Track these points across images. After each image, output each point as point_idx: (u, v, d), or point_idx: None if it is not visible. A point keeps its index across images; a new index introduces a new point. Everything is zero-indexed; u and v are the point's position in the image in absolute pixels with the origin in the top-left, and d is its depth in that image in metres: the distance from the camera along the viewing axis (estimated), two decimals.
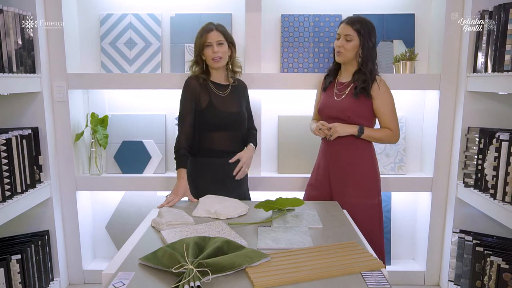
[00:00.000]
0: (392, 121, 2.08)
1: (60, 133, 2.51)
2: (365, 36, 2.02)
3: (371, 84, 2.04)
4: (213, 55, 2.04)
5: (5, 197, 2.02)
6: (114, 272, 1.22)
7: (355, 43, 2.04)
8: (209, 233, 1.47)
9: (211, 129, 2.03)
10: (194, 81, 2.09)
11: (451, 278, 2.46)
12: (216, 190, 1.98)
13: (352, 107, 2.05)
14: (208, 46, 2.04)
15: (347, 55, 2.06)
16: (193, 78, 2.10)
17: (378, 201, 2.13)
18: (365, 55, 2.04)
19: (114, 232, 2.75)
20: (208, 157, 2.07)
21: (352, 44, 2.04)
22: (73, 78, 2.48)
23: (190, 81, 2.09)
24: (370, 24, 2.06)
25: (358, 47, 2.04)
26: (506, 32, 2.01)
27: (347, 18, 2.08)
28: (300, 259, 1.28)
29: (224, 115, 2.05)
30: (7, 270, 2.07)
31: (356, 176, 2.09)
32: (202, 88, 2.07)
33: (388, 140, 2.10)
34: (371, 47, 2.04)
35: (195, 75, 2.11)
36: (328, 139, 2.09)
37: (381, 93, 2.05)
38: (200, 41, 2.05)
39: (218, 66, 2.08)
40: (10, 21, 2.09)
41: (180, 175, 1.99)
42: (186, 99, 2.07)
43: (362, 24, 2.03)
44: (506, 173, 1.97)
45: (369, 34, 2.03)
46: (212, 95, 2.07)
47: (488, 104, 2.34)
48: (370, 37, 2.04)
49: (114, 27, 2.61)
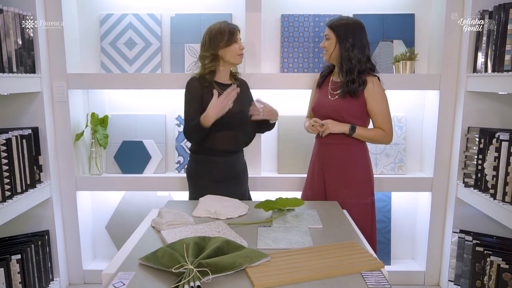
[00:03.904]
0: (385, 121, 2.07)
1: (60, 133, 2.51)
2: (341, 36, 2.04)
3: (362, 85, 2.03)
4: (240, 51, 2.08)
5: (5, 197, 2.02)
6: (114, 272, 1.22)
7: (332, 42, 2.07)
8: (209, 233, 1.47)
9: (215, 129, 2.02)
10: (196, 82, 2.08)
11: (451, 278, 2.46)
12: (217, 190, 1.98)
13: (345, 107, 2.05)
14: (236, 43, 2.06)
15: (327, 54, 2.11)
16: (195, 79, 2.09)
17: (371, 200, 2.13)
18: (343, 54, 2.04)
19: (114, 232, 2.75)
20: (210, 155, 2.07)
21: (329, 42, 2.08)
22: (73, 78, 2.48)
23: (193, 82, 2.08)
24: (351, 24, 2.05)
25: (334, 45, 2.06)
26: (506, 32, 2.01)
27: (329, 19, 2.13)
28: (300, 259, 1.28)
29: (228, 115, 2.05)
30: (7, 270, 2.07)
31: (349, 176, 2.09)
32: (205, 89, 2.06)
33: (381, 140, 2.10)
34: (347, 47, 2.03)
35: (198, 75, 2.09)
36: (320, 135, 2.10)
37: (375, 93, 2.04)
38: (229, 35, 2.04)
39: (240, 62, 2.12)
40: (10, 21, 2.09)
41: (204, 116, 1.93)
42: (191, 100, 2.06)
43: (340, 24, 2.05)
44: (506, 173, 1.97)
45: (346, 33, 2.04)
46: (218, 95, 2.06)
47: (488, 104, 2.34)
48: (347, 35, 2.03)
49: (114, 27, 2.61)
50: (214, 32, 2.06)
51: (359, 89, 2.02)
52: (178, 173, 2.67)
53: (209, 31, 2.08)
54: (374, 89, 2.04)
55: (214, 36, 2.05)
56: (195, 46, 2.59)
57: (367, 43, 2.08)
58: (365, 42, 2.06)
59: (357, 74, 2.03)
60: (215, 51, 2.06)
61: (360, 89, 2.03)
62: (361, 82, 2.03)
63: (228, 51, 2.06)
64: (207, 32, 2.09)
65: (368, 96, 2.04)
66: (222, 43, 2.04)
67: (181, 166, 2.67)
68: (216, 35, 2.05)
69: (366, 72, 2.06)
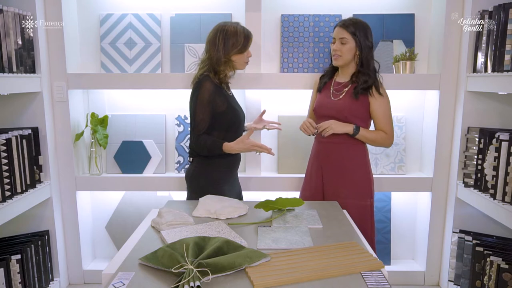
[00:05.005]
0: (388, 124, 2.07)
1: (60, 133, 2.51)
2: (361, 37, 2.02)
3: (374, 85, 2.04)
4: (248, 60, 2.10)
5: (5, 197, 2.02)
6: (114, 272, 1.22)
7: (351, 46, 2.03)
8: (209, 233, 1.47)
9: (229, 130, 2.02)
10: (212, 85, 1.99)
11: (451, 278, 2.46)
12: (219, 190, 1.99)
13: (349, 107, 2.05)
14: (247, 51, 2.07)
15: (344, 58, 2.06)
16: (208, 80, 2.00)
17: (370, 202, 2.12)
18: (364, 56, 2.04)
19: (114, 232, 2.75)
20: (217, 157, 2.04)
21: (348, 46, 2.04)
22: (73, 78, 2.48)
23: (208, 85, 1.98)
24: (364, 24, 2.05)
25: (354, 49, 2.04)
26: (506, 32, 2.01)
27: (341, 21, 2.08)
28: (300, 259, 1.28)
29: (240, 115, 2.10)
30: (7, 270, 2.07)
31: (347, 176, 2.09)
32: (218, 90, 2.02)
33: (382, 143, 2.10)
34: (369, 47, 2.04)
35: (211, 76, 2.01)
36: (323, 135, 2.07)
37: (380, 95, 2.05)
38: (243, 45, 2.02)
39: (244, 68, 2.14)
40: (10, 21, 2.09)
41: (231, 146, 1.95)
42: (204, 101, 1.97)
43: (356, 26, 2.03)
44: (506, 173, 1.97)
45: (365, 35, 2.03)
46: (227, 97, 2.06)
47: (488, 104, 2.34)
48: (366, 37, 2.03)
49: (114, 27, 2.61)
50: (230, 34, 1.99)
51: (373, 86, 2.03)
52: (178, 173, 2.67)
53: (224, 31, 2.00)
54: (381, 90, 2.06)
55: (229, 39, 1.99)
56: (195, 46, 2.59)
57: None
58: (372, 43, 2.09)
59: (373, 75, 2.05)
60: (228, 54, 2.01)
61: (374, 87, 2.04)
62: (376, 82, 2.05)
63: (238, 58, 2.04)
64: (221, 31, 2.00)
65: (372, 98, 2.04)
66: (236, 49, 2.01)
67: (181, 166, 2.67)
68: (232, 39, 1.99)
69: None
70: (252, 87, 2.47)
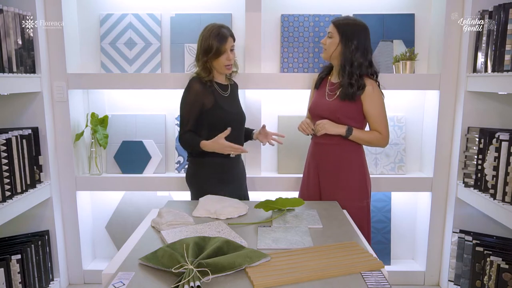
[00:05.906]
0: (382, 124, 2.06)
1: (60, 133, 2.51)
2: (346, 36, 2.00)
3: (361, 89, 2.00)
4: (227, 62, 2.04)
5: (5, 197, 2.02)
6: (114, 272, 1.22)
7: (335, 41, 2.03)
8: (209, 233, 1.47)
9: (216, 129, 2.02)
10: (198, 84, 2.04)
11: (451, 278, 2.46)
12: (218, 190, 1.98)
13: (342, 108, 2.03)
14: (224, 53, 2.02)
15: (328, 51, 2.06)
16: (197, 80, 2.05)
17: (367, 203, 2.11)
18: (346, 56, 2.01)
19: (114, 232, 2.75)
20: (210, 157, 2.05)
21: (331, 41, 2.04)
22: (73, 78, 2.48)
23: (195, 84, 2.04)
24: (357, 25, 2.03)
25: (337, 44, 2.03)
26: (506, 32, 2.01)
27: (335, 17, 2.10)
28: (300, 259, 1.28)
29: (229, 115, 2.06)
30: (7, 270, 2.07)
31: (344, 177, 2.08)
32: (206, 89, 2.04)
33: (377, 143, 2.08)
34: (352, 48, 2.00)
35: (199, 77, 2.06)
36: (316, 133, 2.07)
37: (372, 96, 2.02)
38: (216, 48, 1.99)
39: (229, 72, 2.10)
40: (10, 21, 2.09)
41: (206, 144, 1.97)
42: (190, 102, 2.03)
43: (347, 24, 2.02)
44: (506, 173, 1.97)
45: (352, 33, 2.00)
46: (217, 96, 2.06)
47: (488, 104, 2.34)
48: (352, 37, 2.00)
49: (114, 27, 2.61)
50: (203, 39, 2.02)
51: (357, 93, 2.00)
52: (178, 173, 2.67)
53: (201, 35, 2.05)
54: (371, 92, 2.01)
55: (202, 45, 2.03)
56: (195, 46, 2.59)
57: (370, 48, 2.06)
58: (368, 46, 2.04)
59: (356, 78, 2.00)
60: (205, 61, 2.03)
61: (358, 93, 2.00)
62: (360, 86, 2.00)
63: (217, 63, 2.04)
64: (200, 37, 2.05)
65: (365, 99, 2.02)
66: (210, 55, 2.01)
67: (181, 166, 2.67)
68: (204, 44, 2.02)
69: (366, 75, 2.05)
70: (252, 87, 2.47)
